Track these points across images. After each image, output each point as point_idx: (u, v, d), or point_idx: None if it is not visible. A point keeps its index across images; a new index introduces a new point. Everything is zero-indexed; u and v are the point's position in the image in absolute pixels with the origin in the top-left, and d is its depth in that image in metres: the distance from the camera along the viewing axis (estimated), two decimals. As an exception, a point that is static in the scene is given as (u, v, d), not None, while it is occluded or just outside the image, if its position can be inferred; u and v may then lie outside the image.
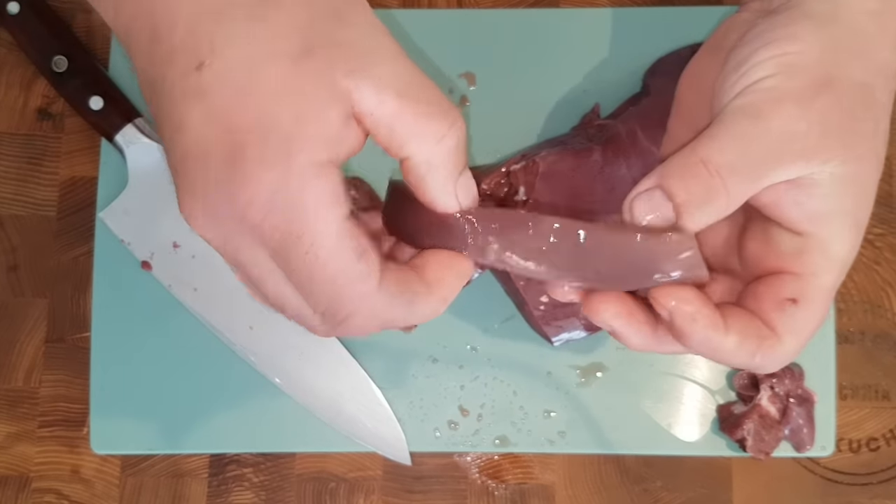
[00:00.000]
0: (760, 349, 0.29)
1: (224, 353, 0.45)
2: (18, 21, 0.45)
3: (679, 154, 0.29)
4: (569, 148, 0.42)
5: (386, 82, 0.26)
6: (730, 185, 0.28)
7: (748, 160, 0.28)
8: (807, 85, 0.29)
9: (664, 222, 0.28)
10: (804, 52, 0.29)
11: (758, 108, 0.29)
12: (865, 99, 0.29)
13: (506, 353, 0.45)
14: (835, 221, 0.29)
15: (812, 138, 0.28)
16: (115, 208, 0.45)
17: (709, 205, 0.28)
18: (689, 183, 0.28)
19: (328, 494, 0.46)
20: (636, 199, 0.29)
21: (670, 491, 0.46)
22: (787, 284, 0.30)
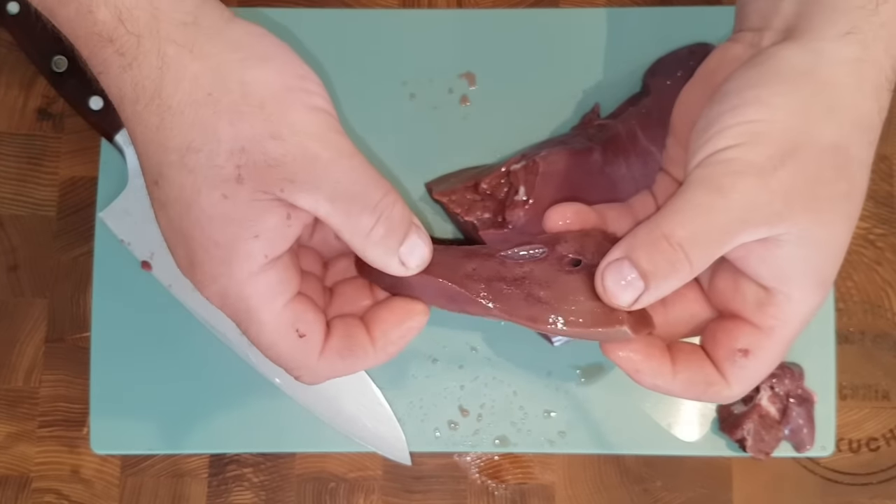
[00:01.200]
0: (706, 393, 0.32)
1: (224, 353, 0.45)
2: (18, 21, 0.45)
3: (645, 227, 0.30)
4: (569, 148, 0.42)
5: (317, 190, 0.29)
6: (692, 257, 0.29)
7: (709, 232, 0.29)
8: (770, 155, 0.29)
9: (634, 291, 0.30)
10: (770, 120, 0.29)
11: (718, 181, 0.29)
12: (836, 161, 0.29)
13: (506, 353, 0.45)
14: (798, 281, 0.30)
15: (775, 207, 0.29)
16: (115, 208, 0.45)
17: (673, 276, 0.30)
18: (653, 257, 0.30)
19: (328, 494, 0.46)
20: (607, 269, 0.30)
21: (670, 491, 0.46)
22: (743, 335, 0.32)
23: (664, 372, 0.32)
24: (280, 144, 0.28)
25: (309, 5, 0.49)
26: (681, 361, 0.32)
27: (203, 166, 0.28)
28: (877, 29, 0.30)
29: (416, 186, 0.46)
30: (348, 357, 0.32)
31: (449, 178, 0.46)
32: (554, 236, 0.35)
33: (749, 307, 0.31)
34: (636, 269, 0.30)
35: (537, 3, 0.49)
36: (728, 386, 0.32)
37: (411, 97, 0.47)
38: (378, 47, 0.47)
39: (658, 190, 0.38)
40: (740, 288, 0.32)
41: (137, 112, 0.29)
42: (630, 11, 0.48)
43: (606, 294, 0.30)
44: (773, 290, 0.30)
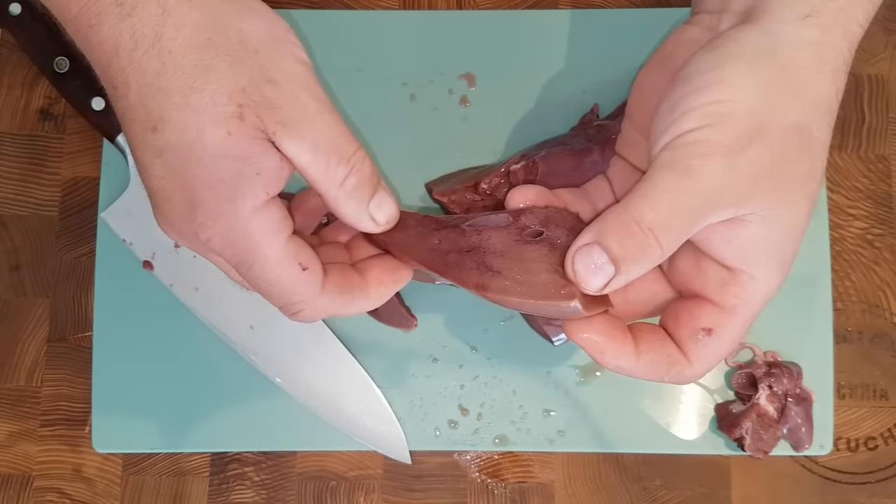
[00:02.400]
0: (669, 373, 0.32)
1: (225, 352, 0.45)
2: (20, 22, 0.45)
3: (614, 211, 0.30)
4: (568, 148, 0.43)
5: (303, 138, 0.30)
6: (662, 240, 0.29)
7: (679, 215, 0.29)
8: (737, 136, 0.29)
9: (604, 276, 0.30)
10: (734, 101, 0.29)
11: (686, 163, 0.29)
12: (800, 141, 0.30)
13: (506, 352, 0.46)
14: (761, 260, 0.30)
15: (743, 188, 0.29)
16: (116, 208, 0.45)
17: (643, 260, 0.30)
18: (624, 242, 0.30)
19: (329, 493, 0.46)
20: (577, 253, 0.31)
21: (669, 489, 0.46)
22: (705, 314, 0.32)
23: (627, 352, 0.32)
24: (276, 88, 0.30)
25: (309, 6, 0.49)
26: (643, 342, 0.32)
27: (207, 104, 0.29)
28: (835, 13, 0.30)
29: (416, 186, 0.46)
30: (347, 293, 0.33)
31: (449, 178, 0.46)
32: (521, 209, 0.35)
33: (711, 287, 0.32)
34: (606, 253, 0.30)
35: (537, 3, 0.49)
36: (690, 365, 0.32)
37: (412, 98, 0.47)
38: (378, 48, 0.47)
39: (613, 174, 0.38)
40: (702, 268, 0.32)
41: (135, 60, 0.29)
42: (629, 12, 0.48)
43: (577, 278, 0.30)
44: (736, 270, 0.31)
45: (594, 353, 0.32)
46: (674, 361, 0.32)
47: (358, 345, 0.46)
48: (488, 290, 0.32)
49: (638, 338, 0.32)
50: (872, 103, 0.48)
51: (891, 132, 0.48)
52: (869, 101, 0.48)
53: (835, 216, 0.47)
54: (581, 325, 0.32)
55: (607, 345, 0.32)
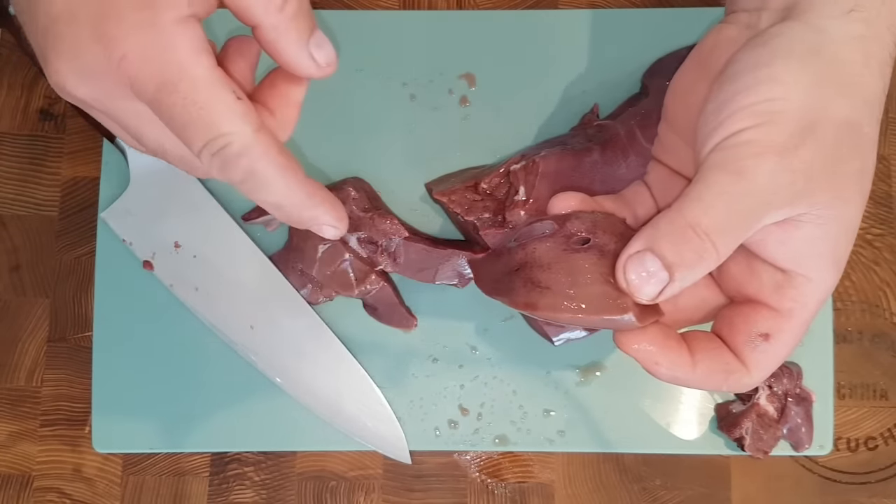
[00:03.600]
0: (727, 381, 0.31)
1: (225, 352, 0.45)
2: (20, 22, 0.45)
3: (666, 216, 0.29)
4: (568, 148, 0.43)
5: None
6: (719, 244, 0.29)
7: (735, 218, 0.29)
8: (789, 134, 0.28)
9: (658, 284, 0.29)
10: (785, 98, 0.29)
11: (739, 164, 0.28)
12: (852, 137, 0.29)
13: (506, 352, 0.46)
14: (816, 261, 0.30)
15: (798, 187, 0.28)
16: (116, 208, 0.45)
17: (699, 266, 0.29)
18: (679, 248, 0.29)
19: (329, 493, 0.46)
20: (629, 262, 0.29)
21: (669, 489, 0.46)
22: (761, 319, 0.31)
23: (683, 363, 0.31)
24: None
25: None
26: (698, 351, 0.31)
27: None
28: (878, 6, 0.29)
29: (416, 186, 0.46)
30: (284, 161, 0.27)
31: (449, 178, 0.46)
32: (565, 214, 0.33)
33: (766, 291, 0.31)
34: (660, 260, 0.29)
35: (537, 3, 0.49)
36: (749, 373, 0.31)
37: (411, 98, 0.47)
38: (378, 48, 0.47)
39: (652, 180, 0.37)
40: (756, 271, 0.31)
41: None
42: (629, 12, 0.48)
43: (629, 288, 0.29)
44: (791, 273, 0.30)
45: (648, 364, 0.31)
46: (731, 370, 0.31)
47: (358, 345, 0.46)
48: (538, 308, 0.31)
49: (693, 347, 0.31)
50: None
51: (891, 132, 0.48)
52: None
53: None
54: (633, 336, 0.31)
55: (662, 356, 0.31)
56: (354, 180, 0.45)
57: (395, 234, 0.44)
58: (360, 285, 0.44)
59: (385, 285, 0.44)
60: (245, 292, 0.45)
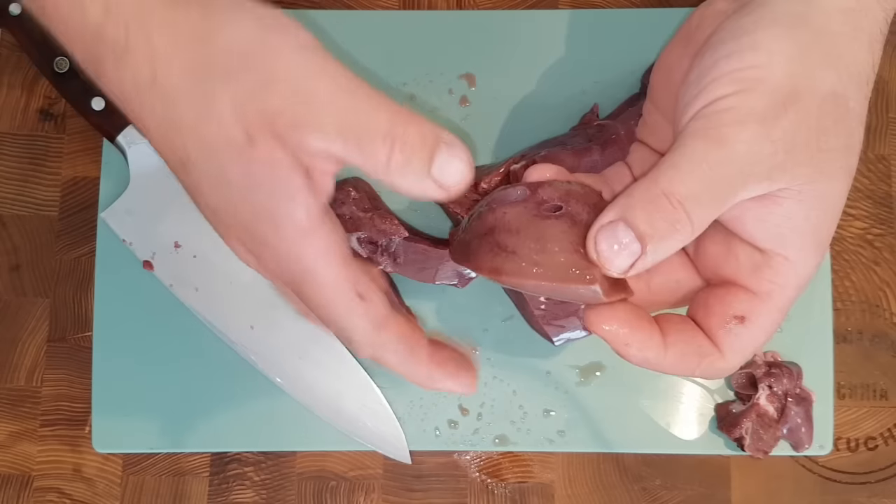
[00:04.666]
0: (700, 366, 0.30)
1: (225, 352, 0.45)
2: (20, 22, 0.45)
3: (641, 185, 0.28)
4: (568, 148, 0.43)
5: (323, 129, 0.27)
6: (693, 215, 0.27)
7: (711, 188, 0.27)
8: (771, 102, 0.27)
9: (629, 256, 0.28)
10: (768, 65, 0.28)
11: (718, 131, 0.27)
12: (837, 111, 0.28)
13: (506, 352, 0.46)
14: (797, 240, 0.29)
15: (778, 158, 0.27)
16: (116, 208, 0.45)
17: (672, 238, 0.28)
18: (652, 217, 0.27)
19: (329, 493, 0.46)
20: (600, 232, 0.28)
21: (669, 489, 0.46)
22: (738, 301, 0.30)
23: (654, 344, 0.30)
24: (275, 92, 0.27)
25: (309, 6, 0.49)
26: (671, 333, 0.30)
27: (217, 139, 0.27)
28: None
29: (416, 187, 0.46)
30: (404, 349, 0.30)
31: (449, 179, 0.46)
32: (539, 182, 0.32)
33: (744, 271, 0.30)
34: (633, 230, 0.28)
35: (537, 3, 0.49)
36: (723, 356, 0.30)
37: (411, 98, 0.47)
38: (378, 48, 0.47)
39: (633, 160, 0.36)
40: (733, 251, 0.30)
41: (144, 103, 0.28)
42: (629, 12, 0.48)
43: (600, 259, 0.28)
44: (769, 252, 0.29)
45: (618, 345, 0.30)
46: (704, 353, 0.30)
47: (358, 345, 0.46)
48: (502, 273, 0.29)
49: (665, 329, 0.30)
50: (872, 103, 0.48)
51: (891, 132, 0.48)
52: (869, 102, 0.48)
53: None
54: (603, 315, 0.30)
55: (632, 336, 0.30)
56: (354, 180, 0.45)
57: (395, 234, 0.44)
58: (360, 285, 0.44)
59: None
60: (245, 292, 0.45)
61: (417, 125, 0.28)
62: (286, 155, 0.27)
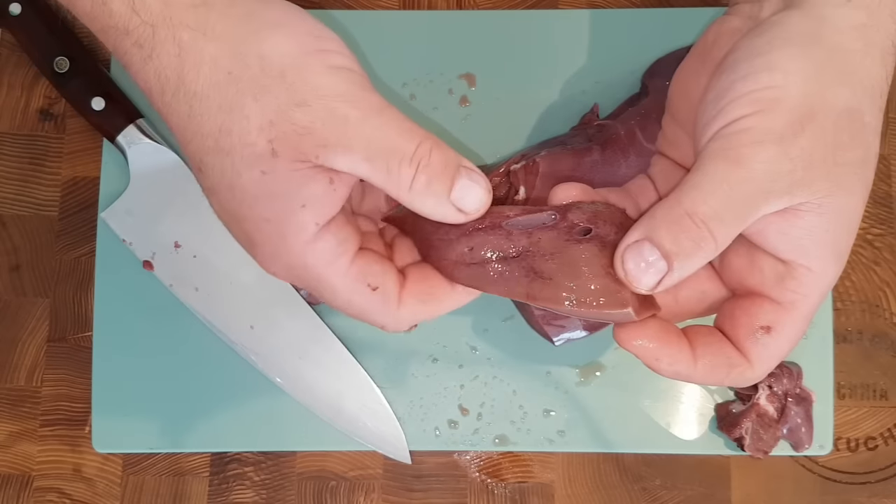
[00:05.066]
0: (729, 376, 0.31)
1: (225, 352, 0.45)
2: (20, 22, 0.45)
3: (664, 205, 0.29)
4: (568, 148, 0.43)
5: (351, 151, 0.28)
6: (717, 233, 0.28)
7: (733, 206, 0.28)
8: (788, 122, 0.28)
9: (656, 274, 0.29)
10: (784, 86, 0.28)
11: (737, 151, 0.28)
12: (853, 126, 0.29)
13: (506, 352, 0.46)
14: (818, 251, 0.29)
15: (797, 175, 0.28)
16: (116, 208, 0.45)
17: (697, 255, 0.29)
18: (677, 236, 0.28)
19: (329, 493, 0.46)
20: (627, 251, 0.29)
21: (669, 489, 0.46)
22: (763, 312, 0.31)
23: (684, 357, 0.31)
24: (307, 111, 0.28)
25: (309, 6, 0.49)
26: (699, 345, 0.31)
27: (237, 146, 0.28)
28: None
29: (416, 186, 0.46)
30: (429, 301, 0.32)
31: (449, 179, 0.46)
32: (566, 205, 0.33)
33: (768, 283, 0.30)
34: (658, 249, 0.28)
35: (537, 3, 0.49)
36: (751, 366, 0.31)
37: (412, 98, 0.47)
38: (378, 48, 0.47)
39: (655, 173, 0.37)
40: (757, 263, 0.31)
41: (167, 103, 0.28)
42: (629, 12, 0.48)
43: (627, 278, 0.29)
44: (792, 264, 0.30)
45: (649, 360, 0.31)
46: (734, 364, 0.31)
47: (358, 345, 0.46)
48: (538, 299, 0.30)
49: (693, 341, 0.31)
50: (872, 103, 0.48)
51: (891, 132, 0.48)
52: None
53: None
54: (633, 331, 0.31)
55: (662, 351, 0.30)
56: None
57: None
58: (360, 285, 0.44)
59: (385, 285, 0.44)
60: (245, 292, 0.45)
61: (441, 151, 0.29)
62: (306, 167, 0.28)
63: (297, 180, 0.28)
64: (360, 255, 0.31)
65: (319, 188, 0.28)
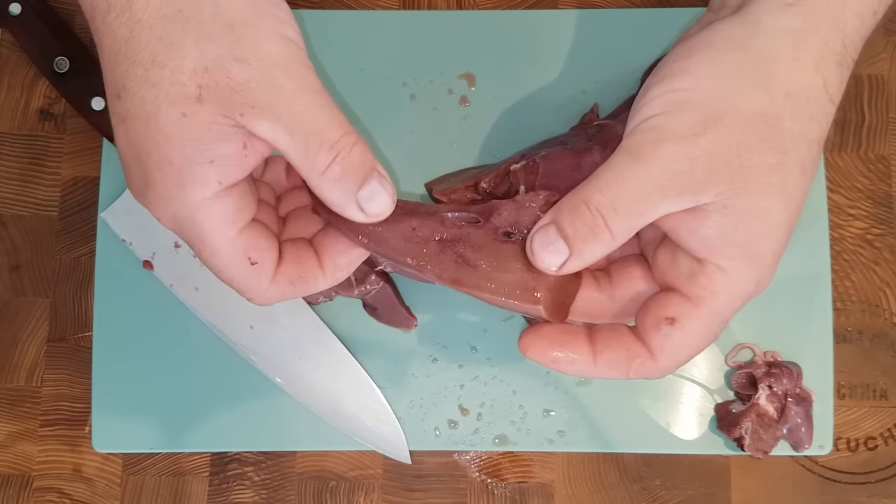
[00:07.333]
0: (632, 367, 0.32)
1: (225, 352, 0.45)
2: (20, 22, 0.45)
3: (570, 192, 0.31)
4: (568, 148, 0.43)
5: (277, 120, 0.28)
6: (611, 223, 0.30)
7: (627, 199, 0.29)
8: (693, 123, 0.29)
9: (558, 255, 0.31)
10: (693, 89, 0.29)
11: (638, 148, 0.30)
12: (765, 130, 0.29)
13: (506, 352, 0.46)
14: (728, 252, 0.30)
15: (697, 175, 0.29)
16: (116, 208, 0.45)
17: (593, 241, 0.30)
18: (574, 221, 0.30)
19: (329, 493, 0.46)
20: (535, 234, 0.31)
21: (669, 489, 0.46)
22: (672, 304, 0.31)
23: (581, 355, 0.32)
24: (244, 68, 0.28)
25: (309, 6, 0.49)
26: (599, 341, 0.32)
27: (166, 82, 0.28)
28: (819, 1, 0.30)
29: (416, 186, 0.46)
30: (299, 283, 0.33)
31: (449, 178, 0.46)
32: (488, 207, 0.35)
33: (681, 278, 0.31)
34: (560, 233, 0.30)
35: (537, 3, 0.49)
36: (652, 356, 0.31)
37: (411, 98, 0.47)
38: (378, 48, 0.47)
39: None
40: (676, 259, 0.32)
41: (108, 23, 0.28)
42: (629, 12, 0.48)
43: (534, 258, 0.31)
44: (704, 261, 0.30)
45: (547, 363, 0.32)
46: (633, 355, 0.32)
47: (358, 345, 0.46)
48: (463, 284, 0.33)
49: (596, 338, 0.32)
50: (872, 103, 0.48)
51: (891, 132, 0.48)
52: (869, 101, 0.48)
53: (835, 216, 0.47)
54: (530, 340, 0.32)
55: (558, 352, 0.32)
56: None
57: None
58: (359, 285, 0.44)
59: (385, 285, 0.44)
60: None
61: (362, 149, 0.30)
62: (226, 124, 0.28)
63: (213, 133, 0.28)
64: (251, 227, 0.31)
65: (230, 149, 0.29)
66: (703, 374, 0.45)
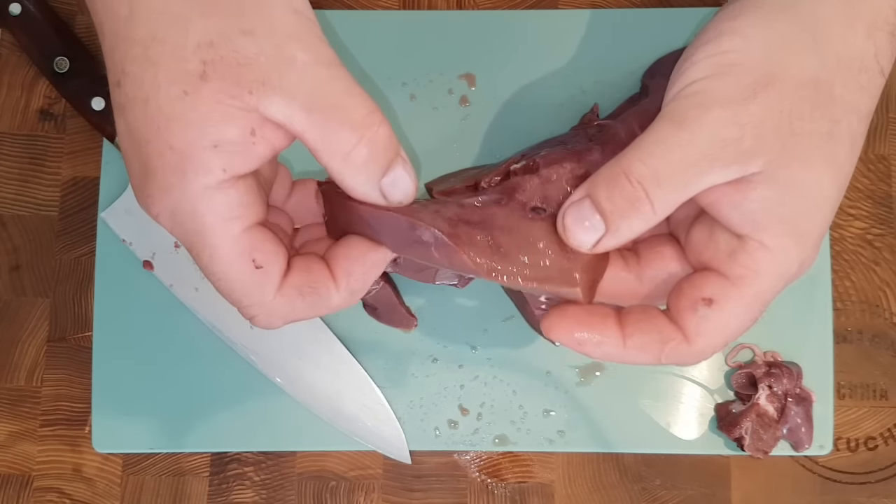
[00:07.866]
0: (664, 352, 0.29)
1: (225, 352, 0.45)
2: (20, 22, 0.45)
3: (607, 164, 0.28)
4: (569, 148, 0.43)
5: (292, 97, 0.26)
6: (653, 195, 0.27)
7: (671, 169, 0.27)
8: (742, 87, 0.27)
9: (593, 232, 0.28)
10: (743, 51, 0.27)
11: (682, 114, 0.27)
12: (817, 97, 0.27)
13: (506, 352, 0.46)
14: (772, 227, 0.28)
15: (746, 143, 0.27)
16: (116, 208, 0.45)
17: (633, 215, 0.28)
18: (613, 194, 0.28)
19: (329, 493, 0.46)
20: (568, 209, 0.29)
21: (669, 489, 0.46)
22: (709, 284, 0.29)
23: (609, 337, 0.29)
24: (253, 41, 0.25)
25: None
26: (629, 323, 0.29)
27: (166, 58, 0.25)
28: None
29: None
30: (309, 295, 0.29)
31: (449, 178, 0.46)
32: (511, 185, 0.32)
33: (720, 256, 0.29)
34: (595, 208, 0.28)
35: (537, 3, 0.49)
36: (686, 339, 0.29)
37: (411, 98, 0.47)
38: (378, 48, 0.47)
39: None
40: (714, 237, 0.29)
41: (108, 4, 0.26)
42: (630, 12, 0.48)
43: (566, 235, 0.29)
44: (745, 238, 0.28)
45: (573, 345, 0.30)
46: (666, 338, 0.29)
47: (358, 345, 0.46)
48: (498, 274, 0.30)
49: (625, 320, 0.30)
50: (872, 103, 0.48)
51: (891, 132, 0.48)
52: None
53: (835, 216, 0.47)
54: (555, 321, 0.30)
55: (585, 333, 0.29)
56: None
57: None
58: (360, 285, 0.44)
59: (385, 285, 0.44)
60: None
61: (388, 130, 0.28)
62: (233, 105, 0.25)
63: (218, 114, 0.25)
64: (257, 229, 0.28)
65: (236, 133, 0.26)
66: (703, 374, 0.45)
